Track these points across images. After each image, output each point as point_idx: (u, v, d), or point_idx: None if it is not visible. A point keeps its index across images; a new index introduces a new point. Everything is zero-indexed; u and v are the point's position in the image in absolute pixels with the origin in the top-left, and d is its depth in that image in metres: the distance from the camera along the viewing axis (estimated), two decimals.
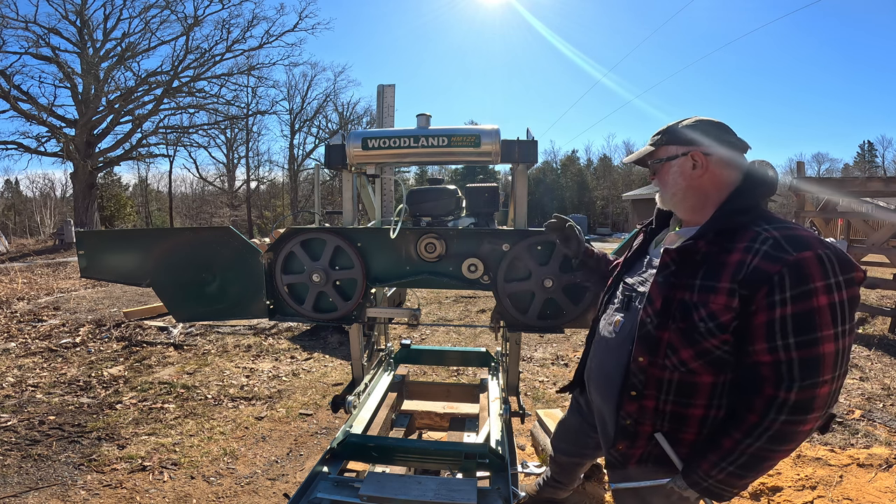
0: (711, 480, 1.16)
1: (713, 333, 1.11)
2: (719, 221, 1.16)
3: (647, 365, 1.22)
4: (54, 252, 16.94)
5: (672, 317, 1.17)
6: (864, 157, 46.85)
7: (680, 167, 1.25)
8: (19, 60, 20.33)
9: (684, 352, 1.16)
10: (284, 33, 25.72)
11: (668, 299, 1.19)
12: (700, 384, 1.18)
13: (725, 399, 1.19)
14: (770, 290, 1.04)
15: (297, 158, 34.81)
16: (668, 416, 1.23)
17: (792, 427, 1.07)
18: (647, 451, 1.29)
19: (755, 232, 1.11)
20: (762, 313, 1.06)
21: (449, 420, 2.65)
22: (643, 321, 1.23)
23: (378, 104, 3.06)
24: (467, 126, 2.00)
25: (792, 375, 1.05)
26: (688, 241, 1.17)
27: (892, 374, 4.25)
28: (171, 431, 3.19)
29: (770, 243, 1.07)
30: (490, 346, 3.54)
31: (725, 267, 1.11)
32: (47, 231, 26.80)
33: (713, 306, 1.11)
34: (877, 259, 7.59)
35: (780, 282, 1.03)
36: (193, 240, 2.08)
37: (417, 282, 2.03)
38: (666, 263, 1.21)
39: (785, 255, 1.04)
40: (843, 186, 6.61)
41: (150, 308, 6.57)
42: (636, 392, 1.25)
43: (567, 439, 1.95)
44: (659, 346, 1.20)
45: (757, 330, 1.07)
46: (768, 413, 1.07)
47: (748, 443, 1.10)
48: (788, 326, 1.04)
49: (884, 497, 2.38)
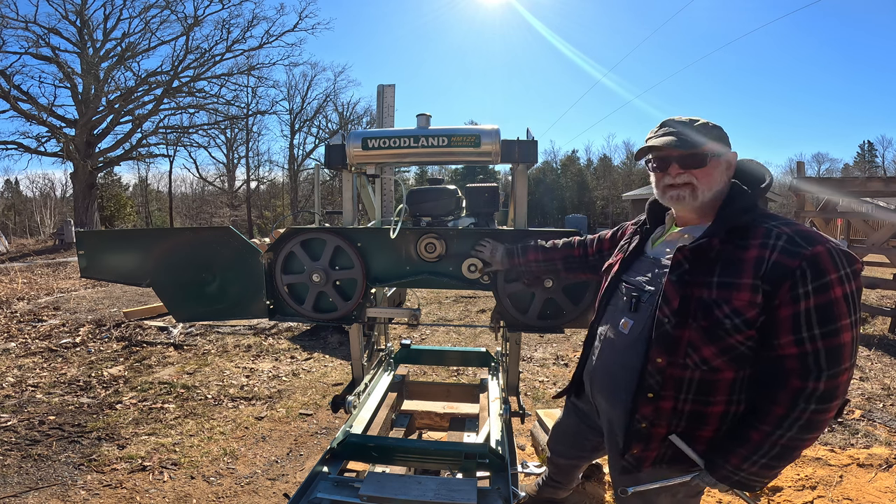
0: (743, 474, 1.18)
1: (739, 330, 1.12)
2: (729, 220, 1.18)
3: (666, 365, 1.21)
4: (54, 252, 16.94)
5: (692, 315, 1.17)
6: (864, 157, 46.86)
7: (725, 167, 1.25)
8: (19, 60, 20.34)
9: (706, 350, 1.16)
10: (284, 33, 25.75)
11: (685, 298, 1.18)
12: (721, 381, 1.18)
13: (745, 394, 1.20)
14: (793, 284, 1.07)
15: (297, 158, 34.82)
16: (687, 416, 1.23)
17: (820, 416, 1.10)
18: (661, 454, 1.28)
19: (766, 228, 1.14)
20: (786, 307, 1.08)
21: (449, 420, 2.65)
22: (660, 321, 1.22)
23: (378, 104, 3.06)
24: (467, 126, 2.00)
25: (819, 366, 1.07)
26: (702, 240, 1.18)
27: (892, 374, 4.25)
28: (171, 431, 3.19)
29: (785, 239, 1.10)
30: (490, 346, 3.55)
31: (744, 263, 1.12)
32: (47, 231, 26.81)
33: (736, 303, 1.12)
34: (877, 259, 7.59)
35: (802, 276, 1.06)
36: (193, 240, 2.08)
37: (417, 282, 2.03)
38: (679, 262, 1.21)
39: (802, 250, 1.07)
40: (843, 186, 6.61)
41: (150, 308, 6.57)
42: (653, 394, 1.23)
43: (564, 441, 1.94)
44: (678, 345, 1.19)
45: (782, 323, 1.09)
46: (797, 404, 1.09)
47: (779, 434, 1.12)
48: (813, 318, 1.07)
49: (884, 497, 2.38)
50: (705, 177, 1.23)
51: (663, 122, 1.32)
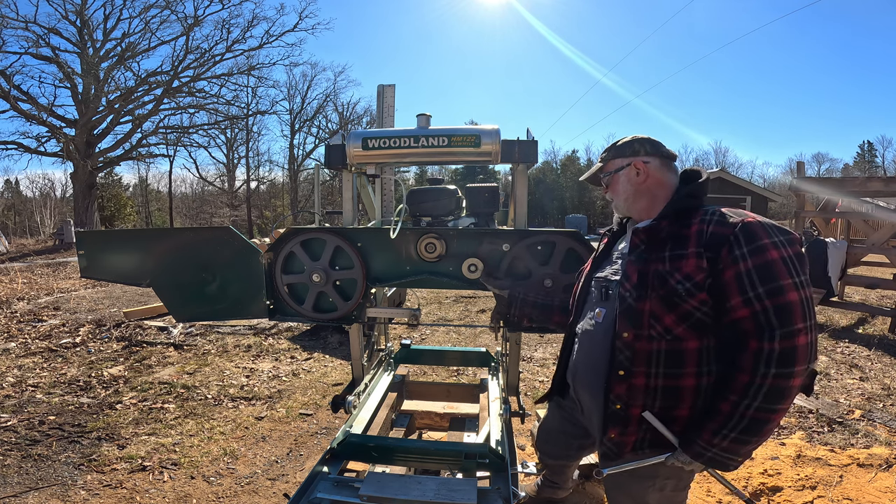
0: (715, 449, 1.20)
1: (691, 293, 1.22)
2: (676, 204, 1.35)
3: (633, 339, 1.28)
4: (54, 252, 16.94)
5: (650, 286, 1.28)
6: (864, 157, 46.83)
7: (626, 176, 1.44)
8: (19, 60, 20.30)
9: (667, 318, 1.25)
10: (284, 33, 25.72)
11: (643, 273, 1.30)
12: (686, 350, 1.25)
13: (714, 366, 1.26)
14: (730, 248, 1.19)
15: (297, 158, 34.82)
16: (661, 392, 1.27)
17: (783, 381, 1.14)
18: (640, 437, 1.31)
19: (704, 210, 1.32)
20: (729, 269, 1.19)
21: (449, 420, 2.65)
22: (622, 296, 1.32)
23: (378, 104, 3.06)
24: (467, 126, 2.00)
25: (771, 323, 1.14)
26: (653, 222, 1.35)
27: (892, 374, 4.25)
28: (171, 431, 3.19)
29: (718, 215, 1.27)
30: (490, 346, 3.55)
31: (688, 238, 1.27)
32: (47, 231, 26.78)
33: (686, 269, 1.24)
34: (877, 259, 7.59)
35: (736, 240, 1.19)
36: (193, 240, 2.09)
37: (417, 282, 2.03)
38: (636, 244, 1.35)
39: (732, 220, 1.23)
40: (843, 186, 6.60)
41: (150, 308, 6.57)
42: (624, 371, 1.29)
43: (549, 441, 1.96)
44: (642, 317, 1.28)
45: (729, 285, 1.19)
46: (758, 368, 1.15)
47: (746, 404, 1.16)
48: (754, 277, 1.16)
49: (884, 497, 2.38)
50: (613, 191, 1.49)
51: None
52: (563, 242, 1.92)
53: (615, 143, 1.50)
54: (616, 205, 1.50)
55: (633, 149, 1.44)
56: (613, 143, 1.51)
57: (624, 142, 1.47)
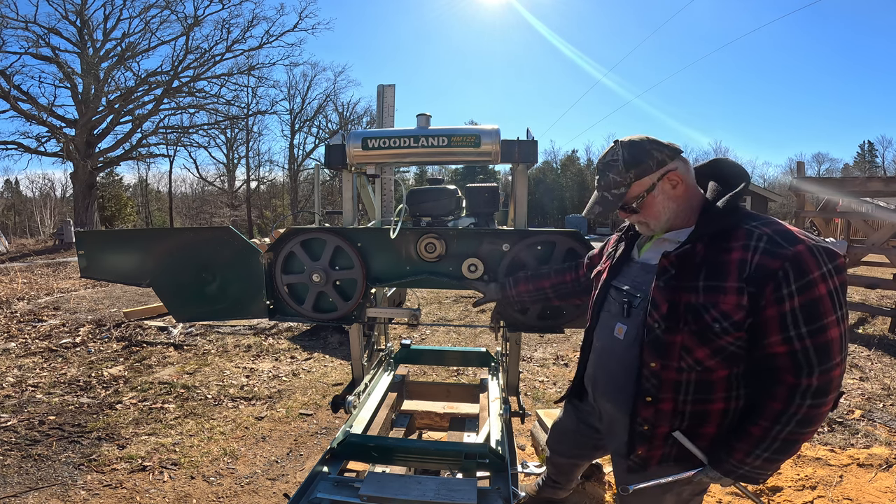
0: (747, 468, 1.21)
1: (728, 332, 1.15)
2: (711, 224, 1.20)
3: (660, 369, 1.23)
4: (54, 252, 16.94)
5: (682, 320, 1.19)
6: (864, 157, 46.80)
7: (663, 193, 1.26)
8: (19, 60, 20.28)
9: (699, 352, 1.19)
10: (284, 33, 25.70)
11: (673, 303, 1.20)
12: (716, 380, 1.21)
13: (743, 390, 1.22)
14: (777, 286, 1.09)
15: (297, 158, 34.78)
16: (689, 416, 1.25)
17: (816, 410, 1.12)
18: (666, 452, 1.30)
19: (747, 230, 1.16)
20: (772, 307, 1.10)
21: (449, 420, 2.65)
22: (650, 326, 1.24)
23: (378, 104, 3.06)
24: (467, 126, 2.00)
25: (811, 362, 1.10)
26: (686, 246, 1.20)
27: (892, 374, 4.25)
28: (171, 431, 3.19)
29: (766, 240, 1.12)
30: (490, 346, 3.54)
31: (728, 266, 1.14)
32: (47, 231, 26.79)
33: (724, 306, 1.14)
34: (877, 259, 7.59)
35: (785, 276, 1.08)
36: (193, 240, 2.08)
37: (417, 282, 2.03)
38: (665, 268, 1.23)
39: (783, 250, 1.09)
40: (843, 186, 6.60)
41: (150, 308, 6.57)
42: (651, 398, 1.26)
43: (563, 441, 1.95)
44: (671, 349, 1.21)
45: (769, 323, 1.11)
46: (793, 399, 1.12)
47: (778, 429, 1.14)
48: (799, 317, 1.09)
49: (884, 497, 2.38)
50: (647, 213, 1.29)
51: (596, 165, 1.37)
52: (563, 242, 1.92)
53: (621, 160, 1.26)
54: (653, 227, 1.30)
55: (656, 160, 1.24)
56: (615, 161, 1.27)
57: (636, 157, 1.24)
